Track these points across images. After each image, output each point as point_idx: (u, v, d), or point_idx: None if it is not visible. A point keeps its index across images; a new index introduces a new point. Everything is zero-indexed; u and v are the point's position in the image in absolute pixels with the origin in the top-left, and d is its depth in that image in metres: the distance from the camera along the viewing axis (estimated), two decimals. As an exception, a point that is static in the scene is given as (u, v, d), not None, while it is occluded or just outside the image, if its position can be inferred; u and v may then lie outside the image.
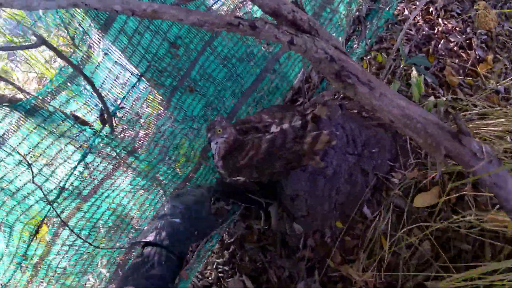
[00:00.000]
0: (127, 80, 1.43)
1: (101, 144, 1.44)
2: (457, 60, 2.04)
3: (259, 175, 1.42)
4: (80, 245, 1.51)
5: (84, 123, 1.41)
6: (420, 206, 1.54)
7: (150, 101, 1.53)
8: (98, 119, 1.40)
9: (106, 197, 1.53)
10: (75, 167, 1.41)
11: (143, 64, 1.43)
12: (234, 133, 1.47)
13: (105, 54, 1.31)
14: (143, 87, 1.50)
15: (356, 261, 1.48)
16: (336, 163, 1.53)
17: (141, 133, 1.57)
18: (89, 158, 1.44)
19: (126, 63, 1.41)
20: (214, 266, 1.78)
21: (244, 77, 1.70)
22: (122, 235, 1.62)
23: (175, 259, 1.11)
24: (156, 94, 1.54)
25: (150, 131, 1.62)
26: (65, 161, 1.41)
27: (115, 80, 1.40)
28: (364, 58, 2.12)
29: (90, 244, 1.51)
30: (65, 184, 1.42)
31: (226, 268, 1.74)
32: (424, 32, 2.14)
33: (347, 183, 1.55)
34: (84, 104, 1.41)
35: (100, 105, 1.39)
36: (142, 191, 1.63)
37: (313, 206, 1.53)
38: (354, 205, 1.55)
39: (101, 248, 1.54)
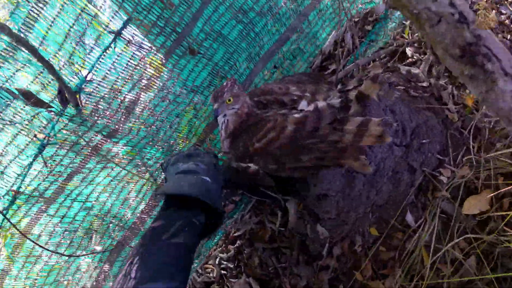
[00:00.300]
0: (96, 41, 0.95)
1: (64, 131, 1.01)
2: (509, 36, 1.62)
3: (277, 167, 1.05)
4: (50, 255, 1.17)
5: (39, 103, 0.96)
6: (469, 213, 1.26)
7: (132, 69, 1.06)
8: (56, 98, 0.95)
9: (78, 195, 1.15)
10: (30, 165, 0.99)
11: (121, 17, 0.94)
12: (249, 103, 1.06)
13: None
14: (122, 50, 1.02)
15: (389, 276, 1.22)
16: (381, 157, 1.17)
17: (122, 111, 1.13)
18: (49, 150, 1.02)
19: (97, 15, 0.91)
20: (216, 261, 1.51)
21: (264, 36, 1.23)
22: (105, 236, 1.28)
23: (198, 224, 0.92)
24: (142, 58, 1.07)
25: (135, 106, 1.18)
26: (16, 157, 0.98)
27: (79, 42, 0.91)
28: (405, 23, 1.64)
29: (62, 254, 1.17)
30: (19, 187, 1.01)
31: (231, 266, 1.47)
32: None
33: (390, 182, 1.22)
34: (37, 77, 0.94)
35: (62, 76, 0.93)
36: (124, 182, 1.25)
37: (345, 209, 1.22)
38: (395, 209, 1.24)
39: (76, 256, 1.21)
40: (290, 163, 1.03)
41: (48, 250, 1.13)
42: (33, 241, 1.09)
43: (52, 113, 0.97)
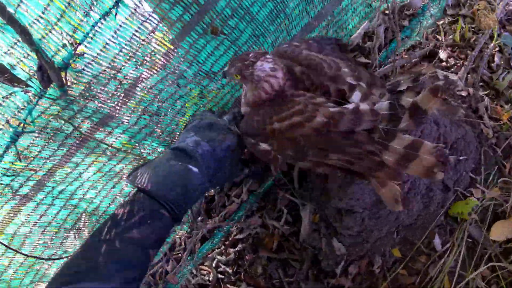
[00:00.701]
0: (93, 4, 0.67)
1: (44, 117, 0.75)
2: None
3: (296, 155, 0.79)
4: (25, 259, 0.93)
5: (14, 81, 0.69)
6: (497, 240, 1.11)
7: (137, 44, 0.79)
8: (35, 75, 0.68)
9: (61, 192, 0.90)
10: (1, 157, 0.73)
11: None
12: (283, 83, 0.79)
13: None
14: (126, 19, 0.75)
15: (408, 303, 1.08)
16: None
17: (120, 94, 0.87)
18: (25, 140, 0.76)
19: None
20: (213, 263, 1.30)
21: (294, 19, 0.97)
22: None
23: (168, 216, 0.74)
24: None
25: (136, 89, 0.91)
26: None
27: (67, 6, 0.64)
28: (438, 23, 1.41)
29: (38, 258, 0.93)
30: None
31: (229, 270, 1.27)
32: (511, 7, 1.44)
33: (421, 201, 1.03)
34: (12, 46, 0.66)
35: (42, 47, 0.66)
36: (118, 178, 1.00)
37: (369, 227, 1.03)
38: (422, 231, 1.04)
39: (55, 259, 0.98)
40: (314, 157, 0.80)
41: (22, 253, 0.89)
42: (4, 244, 0.85)
43: (30, 93, 0.71)
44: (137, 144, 0.98)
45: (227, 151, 0.83)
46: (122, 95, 0.88)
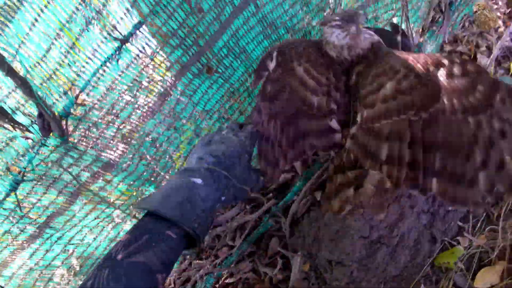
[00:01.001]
0: (95, 51, 0.69)
1: (44, 164, 0.74)
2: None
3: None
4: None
5: (14, 124, 0.69)
6: (480, 288, 1.09)
7: (136, 88, 0.80)
8: (35, 122, 0.68)
9: (59, 238, 0.87)
10: (1, 203, 0.72)
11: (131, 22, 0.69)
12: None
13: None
14: (128, 62, 0.77)
15: None
16: (407, 227, 0.97)
17: (119, 140, 0.87)
18: (24, 186, 0.74)
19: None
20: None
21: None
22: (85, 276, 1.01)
23: (174, 237, 0.69)
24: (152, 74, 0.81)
25: (135, 135, 0.91)
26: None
27: (69, 51, 0.65)
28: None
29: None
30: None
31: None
32: (506, 43, 1.44)
33: (409, 253, 1.01)
34: (14, 90, 0.67)
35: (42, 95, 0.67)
36: (115, 223, 0.97)
37: (358, 279, 0.99)
38: (408, 282, 1.01)
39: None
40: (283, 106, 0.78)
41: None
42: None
43: (29, 140, 0.70)
44: (135, 192, 0.97)
45: (233, 158, 0.80)
46: (120, 140, 0.88)
